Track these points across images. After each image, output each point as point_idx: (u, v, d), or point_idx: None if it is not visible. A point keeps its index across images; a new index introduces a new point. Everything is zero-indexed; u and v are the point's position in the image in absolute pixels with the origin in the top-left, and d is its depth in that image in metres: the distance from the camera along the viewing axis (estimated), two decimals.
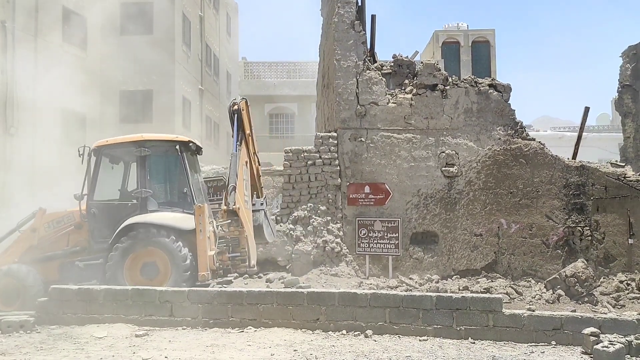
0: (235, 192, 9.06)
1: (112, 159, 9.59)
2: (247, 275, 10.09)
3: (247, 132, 9.91)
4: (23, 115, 18.56)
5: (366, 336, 7.00)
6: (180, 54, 23.89)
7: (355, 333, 7.11)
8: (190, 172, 9.57)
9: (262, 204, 10.10)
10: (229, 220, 9.13)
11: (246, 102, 10.03)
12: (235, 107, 9.85)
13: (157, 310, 7.67)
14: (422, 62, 11.05)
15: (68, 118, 21.06)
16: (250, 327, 7.43)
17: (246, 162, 9.78)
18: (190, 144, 9.77)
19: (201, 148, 10.25)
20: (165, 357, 5.97)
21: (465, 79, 10.96)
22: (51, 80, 19.91)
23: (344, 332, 7.18)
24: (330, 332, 7.21)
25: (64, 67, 20.61)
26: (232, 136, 9.77)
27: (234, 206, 8.99)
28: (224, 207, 9.22)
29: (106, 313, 7.74)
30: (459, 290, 9.21)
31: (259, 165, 10.49)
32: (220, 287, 8.45)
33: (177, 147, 9.51)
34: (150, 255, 8.76)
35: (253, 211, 9.82)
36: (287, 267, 10.23)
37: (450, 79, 10.83)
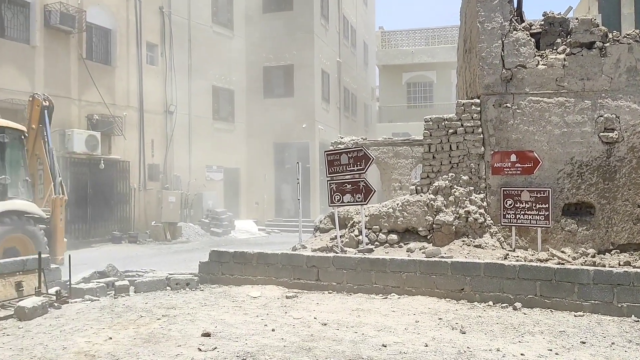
0: (62, 184, 10.54)
1: None
2: (387, 245, 10.18)
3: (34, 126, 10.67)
4: (179, 93, 20.25)
5: (515, 309, 6.76)
6: (319, 27, 24.33)
7: (503, 305, 6.90)
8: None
9: None
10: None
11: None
12: (47, 103, 10.65)
13: (305, 275, 8.08)
14: (576, 19, 10.12)
15: (218, 94, 22.61)
16: (393, 294, 7.55)
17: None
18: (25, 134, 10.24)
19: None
20: (315, 317, 6.28)
21: (628, 34, 9.84)
22: (202, 58, 21.46)
23: (491, 303, 7.01)
24: (476, 302, 7.07)
25: (213, 46, 22.10)
26: (46, 134, 10.63)
27: (62, 196, 10.40)
28: (54, 196, 10.30)
29: (259, 275, 8.33)
30: (620, 265, 8.48)
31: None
32: (363, 255, 8.64)
33: (23, 135, 9.91)
34: (14, 241, 9.20)
35: None
36: (427, 238, 10.12)
37: (610, 35, 9.81)
